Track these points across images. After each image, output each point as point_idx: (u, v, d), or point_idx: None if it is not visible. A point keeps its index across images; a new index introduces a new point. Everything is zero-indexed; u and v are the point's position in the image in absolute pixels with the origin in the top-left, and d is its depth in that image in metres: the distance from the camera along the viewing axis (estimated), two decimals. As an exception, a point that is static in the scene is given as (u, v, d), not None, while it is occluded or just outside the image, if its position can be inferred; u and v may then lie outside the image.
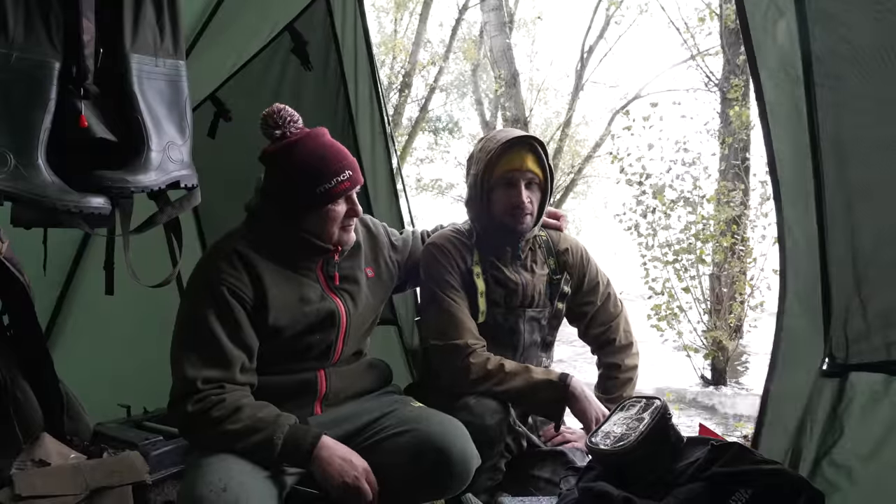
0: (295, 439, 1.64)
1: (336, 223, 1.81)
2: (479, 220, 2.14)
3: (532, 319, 2.17)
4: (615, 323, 2.31)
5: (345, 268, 1.92)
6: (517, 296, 2.14)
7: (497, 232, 2.11)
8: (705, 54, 7.67)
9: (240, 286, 1.72)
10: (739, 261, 5.82)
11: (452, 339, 2.01)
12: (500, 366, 1.99)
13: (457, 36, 13.14)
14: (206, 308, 1.70)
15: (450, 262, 2.08)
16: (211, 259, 1.79)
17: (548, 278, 2.20)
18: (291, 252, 1.83)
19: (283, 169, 1.79)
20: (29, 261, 2.09)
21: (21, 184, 1.60)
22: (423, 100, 13.60)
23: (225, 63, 2.97)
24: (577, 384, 2.00)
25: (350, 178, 1.78)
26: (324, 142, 1.81)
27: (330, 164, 1.77)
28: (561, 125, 12.63)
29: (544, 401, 2.01)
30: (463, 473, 1.74)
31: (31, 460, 1.93)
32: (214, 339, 1.68)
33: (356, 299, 1.92)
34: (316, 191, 1.75)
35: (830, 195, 1.69)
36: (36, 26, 1.64)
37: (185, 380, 1.65)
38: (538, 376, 2.00)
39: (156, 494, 2.07)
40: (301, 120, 1.81)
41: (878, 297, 1.67)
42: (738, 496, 1.43)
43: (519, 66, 10.23)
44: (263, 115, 1.79)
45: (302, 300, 1.82)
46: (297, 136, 1.79)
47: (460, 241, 2.13)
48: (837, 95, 1.65)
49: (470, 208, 2.18)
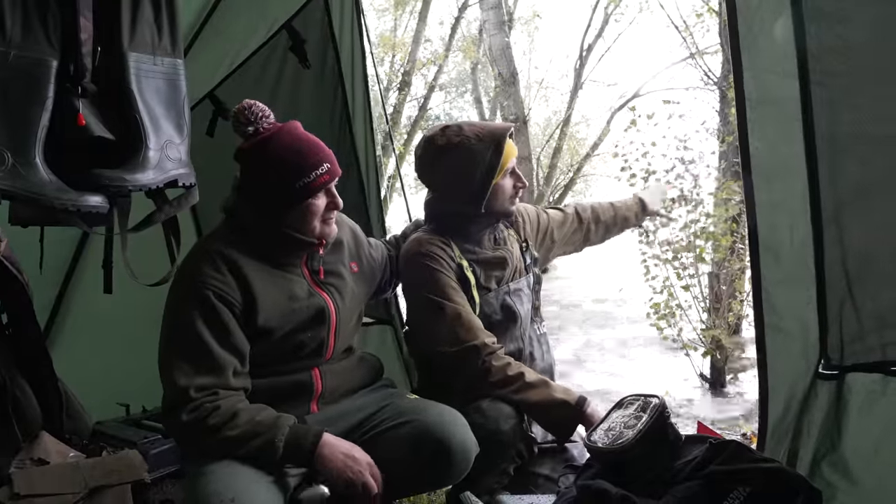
0: (296, 440, 1.62)
1: (317, 217, 1.78)
2: (460, 214, 2.14)
3: (517, 291, 2.19)
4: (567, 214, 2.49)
5: (329, 262, 1.90)
6: (508, 270, 2.17)
7: (485, 219, 2.14)
8: (704, 52, 7.65)
9: (225, 289, 1.69)
10: (739, 259, 5.81)
11: (467, 341, 1.98)
12: (521, 374, 1.97)
13: (456, 34, 13.14)
14: (193, 314, 1.65)
15: (441, 265, 2.07)
16: (193, 263, 1.74)
17: (519, 248, 2.26)
18: (274, 249, 1.80)
19: (259, 165, 1.75)
20: (27, 259, 2.09)
21: (19, 182, 1.60)
22: (423, 98, 13.61)
23: (223, 61, 2.97)
24: (594, 410, 1.96)
25: (328, 170, 1.76)
26: (299, 135, 1.78)
27: (307, 157, 1.74)
28: (560, 123, 12.63)
29: (557, 419, 1.99)
30: (462, 462, 1.74)
31: (30, 459, 1.93)
32: (203, 346, 1.64)
33: (343, 293, 1.90)
34: (295, 186, 1.72)
35: (826, 194, 1.69)
36: (34, 24, 1.64)
37: (178, 389, 1.61)
38: (557, 395, 1.98)
39: (154, 493, 2.07)
40: (273, 115, 1.78)
41: (873, 298, 1.67)
42: (735, 494, 1.43)
43: (518, 65, 10.23)
44: (234, 112, 1.75)
45: (290, 298, 1.79)
46: (270, 131, 1.75)
47: (441, 241, 2.12)
48: (833, 93, 1.65)
49: (443, 205, 2.18)
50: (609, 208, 2.58)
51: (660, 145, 6.11)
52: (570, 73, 12.67)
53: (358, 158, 3.09)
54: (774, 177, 1.82)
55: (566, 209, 2.53)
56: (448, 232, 2.15)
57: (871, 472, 1.69)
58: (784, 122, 1.74)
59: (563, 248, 2.52)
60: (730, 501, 1.43)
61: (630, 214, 2.63)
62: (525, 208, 2.40)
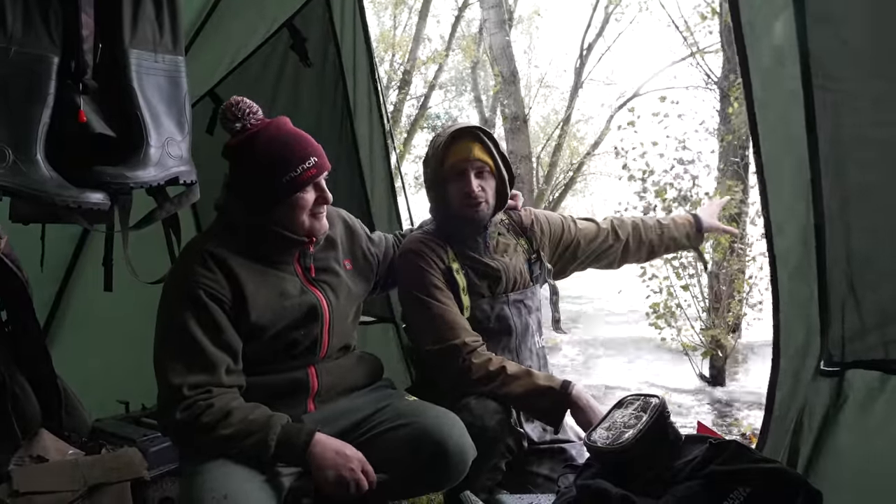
0: (288, 438, 1.62)
1: (305, 212, 1.76)
2: (440, 214, 2.15)
3: (517, 302, 2.17)
4: (602, 229, 2.37)
5: (322, 259, 1.89)
6: (502, 282, 2.14)
7: (460, 224, 2.12)
8: (705, 52, 7.66)
9: (216, 287, 1.68)
10: (738, 259, 5.82)
11: (449, 340, 1.99)
12: (502, 368, 1.97)
13: (456, 33, 13.12)
14: (185, 313, 1.66)
15: (429, 264, 2.06)
16: (184, 262, 1.74)
17: (525, 258, 2.22)
18: (265, 247, 1.79)
19: (247, 161, 1.74)
20: (27, 257, 2.09)
21: (19, 179, 1.60)
22: (423, 97, 13.59)
23: (224, 59, 2.97)
24: (579, 393, 1.97)
25: (316, 164, 1.74)
26: (286, 130, 1.77)
27: (294, 151, 1.73)
28: (560, 123, 12.62)
29: (544, 407, 2.00)
30: (460, 465, 1.74)
31: (29, 456, 1.93)
32: (196, 344, 1.64)
33: (336, 291, 1.89)
34: (282, 180, 1.70)
35: (828, 194, 1.69)
36: (35, 21, 1.63)
37: (171, 388, 1.61)
38: (540, 382, 1.98)
39: (154, 491, 2.07)
40: (261, 111, 1.77)
41: (875, 296, 1.68)
42: (735, 494, 1.43)
43: (518, 64, 10.22)
44: (221, 110, 1.75)
45: (282, 295, 1.78)
46: (257, 127, 1.75)
47: (434, 241, 2.12)
48: (836, 95, 1.65)
49: (431, 205, 2.19)
50: (655, 227, 2.42)
51: (658, 145, 6.12)
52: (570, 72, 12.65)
53: (359, 154, 3.09)
54: (779, 176, 1.83)
55: (601, 223, 2.39)
56: (447, 234, 2.15)
57: (868, 469, 1.69)
58: (788, 122, 1.74)
59: (595, 262, 2.41)
60: (730, 501, 1.43)
61: (680, 235, 2.43)
62: (547, 217, 2.35)
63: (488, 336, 2.08)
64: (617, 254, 2.39)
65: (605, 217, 2.46)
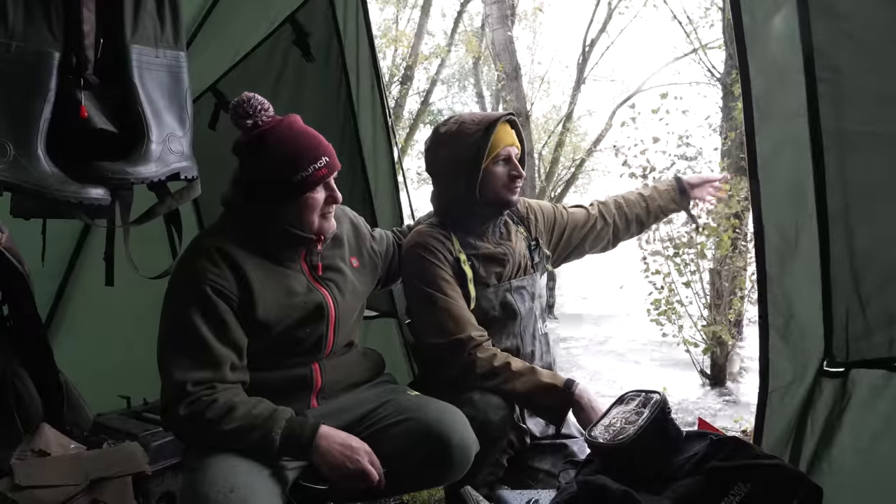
0: (293, 433, 1.63)
1: (316, 211, 1.76)
2: (460, 204, 2.13)
3: (519, 289, 2.17)
4: (591, 214, 2.42)
5: (329, 257, 1.89)
6: (509, 266, 2.15)
7: (483, 210, 2.13)
8: (708, 48, 7.62)
9: (223, 283, 1.68)
10: (741, 256, 5.80)
11: (454, 334, 1.99)
12: (507, 364, 1.98)
13: (458, 28, 13.10)
14: (190, 309, 1.65)
15: (437, 257, 2.07)
16: (191, 258, 1.73)
17: (526, 245, 2.24)
18: (273, 244, 1.79)
19: (258, 159, 1.73)
20: (29, 251, 2.09)
21: (21, 174, 1.60)
22: (425, 92, 13.57)
23: (226, 54, 2.97)
24: (582, 392, 1.97)
25: (327, 164, 1.74)
26: (298, 129, 1.76)
27: (305, 151, 1.72)
28: (562, 119, 12.58)
29: (547, 405, 2.00)
30: (462, 460, 1.74)
31: (31, 450, 1.93)
32: (201, 340, 1.64)
33: (342, 289, 1.89)
34: (293, 180, 1.70)
35: (831, 192, 1.68)
36: (36, 16, 1.63)
37: (175, 383, 1.61)
38: (544, 380, 1.98)
39: (155, 485, 2.07)
40: (272, 108, 1.76)
41: (880, 296, 1.67)
42: (736, 490, 1.43)
43: (520, 59, 10.19)
44: (232, 105, 1.73)
45: (289, 293, 1.78)
46: (269, 124, 1.73)
47: (441, 234, 2.12)
48: (838, 90, 1.64)
49: (445, 195, 2.17)
50: (639, 201, 2.47)
51: (660, 141, 6.10)
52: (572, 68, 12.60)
53: (363, 150, 3.08)
54: (780, 174, 1.81)
55: (590, 209, 2.44)
56: (451, 224, 2.14)
57: (870, 467, 1.69)
58: (790, 120, 1.73)
59: (590, 247, 2.45)
60: (730, 497, 1.43)
61: (665, 202, 2.49)
62: (540, 205, 2.38)
63: (494, 322, 2.10)
64: (609, 236, 2.45)
65: (591, 202, 2.51)
